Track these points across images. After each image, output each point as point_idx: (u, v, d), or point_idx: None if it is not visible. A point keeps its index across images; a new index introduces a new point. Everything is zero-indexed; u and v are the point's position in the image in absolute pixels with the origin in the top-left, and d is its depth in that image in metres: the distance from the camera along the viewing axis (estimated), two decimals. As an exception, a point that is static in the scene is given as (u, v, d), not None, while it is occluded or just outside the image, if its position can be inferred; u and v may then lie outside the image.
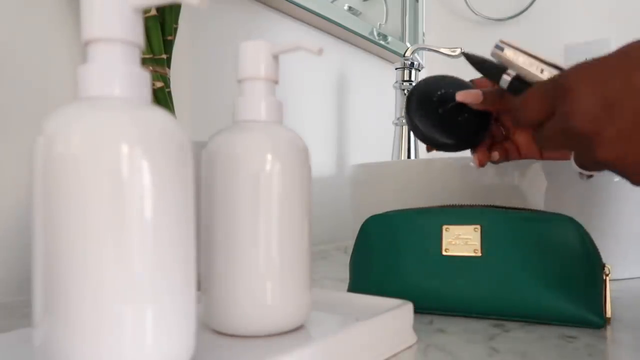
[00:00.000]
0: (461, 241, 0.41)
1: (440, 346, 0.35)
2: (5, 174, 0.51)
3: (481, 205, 0.44)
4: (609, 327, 0.39)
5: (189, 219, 0.25)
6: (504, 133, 0.51)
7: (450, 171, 0.63)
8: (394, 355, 0.33)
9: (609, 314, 0.38)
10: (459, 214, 0.42)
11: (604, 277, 0.38)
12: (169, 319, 0.24)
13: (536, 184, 0.59)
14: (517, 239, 0.40)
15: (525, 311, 0.39)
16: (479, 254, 0.41)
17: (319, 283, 0.57)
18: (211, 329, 0.33)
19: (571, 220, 0.40)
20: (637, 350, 0.34)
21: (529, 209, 0.42)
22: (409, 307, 0.36)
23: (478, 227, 0.41)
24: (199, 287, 0.31)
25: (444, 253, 0.42)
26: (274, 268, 0.32)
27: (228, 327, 0.32)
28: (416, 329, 0.38)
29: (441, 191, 0.63)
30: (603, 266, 0.39)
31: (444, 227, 0.42)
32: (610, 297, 0.39)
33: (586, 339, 0.36)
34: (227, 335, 0.32)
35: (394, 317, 0.34)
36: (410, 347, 0.34)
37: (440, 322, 0.41)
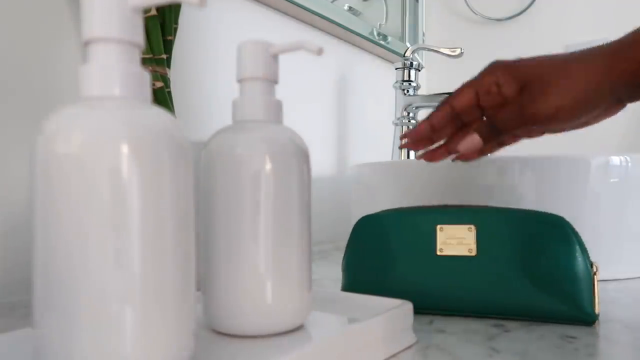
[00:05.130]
0: (456, 241, 0.42)
1: (440, 346, 0.35)
2: (5, 174, 0.51)
3: (475, 206, 0.44)
4: (609, 327, 0.39)
5: (188, 218, 0.25)
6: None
7: (450, 171, 0.63)
8: (394, 356, 0.33)
9: (597, 310, 0.39)
10: (453, 214, 0.43)
11: (593, 275, 0.39)
12: (168, 319, 0.24)
13: (533, 184, 0.59)
14: (510, 238, 0.40)
15: (519, 309, 0.40)
16: (474, 254, 0.41)
17: (319, 283, 0.57)
18: (211, 329, 0.33)
19: (561, 219, 0.40)
20: (637, 350, 0.34)
21: (522, 209, 0.43)
22: (409, 307, 0.36)
23: (472, 227, 0.41)
24: (198, 287, 0.31)
25: (438, 253, 0.42)
26: (274, 268, 0.32)
27: (228, 327, 0.32)
28: (416, 329, 0.38)
29: (441, 191, 0.63)
30: (591, 264, 0.39)
31: (439, 227, 0.42)
32: (599, 294, 0.39)
33: (586, 339, 0.36)
34: (227, 335, 0.32)
35: (394, 317, 0.34)
36: (410, 347, 0.34)
37: (440, 322, 0.41)
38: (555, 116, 0.39)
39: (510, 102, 0.42)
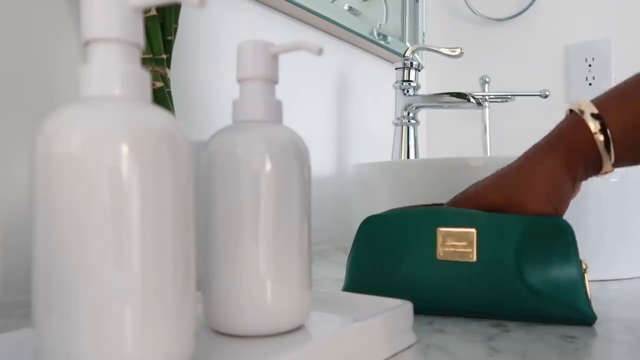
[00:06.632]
0: (456, 243, 0.42)
1: (440, 346, 0.35)
2: (5, 174, 0.51)
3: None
4: (609, 327, 0.39)
5: (188, 218, 0.25)
6: None
7: (450, 171, 0.63)
8: (394, 356, 0.33)
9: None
10: (455, 216, 0.43)
11: (583, 274, 0.40)
12: (168, 319, 0.24)
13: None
14: (511, 241, 0.40)
15: (521, 311, 0.40)
16: (474, 256, 0.41)
17: (319, 283, 0.57)
18: (211, 329, 0.33)
19: (560, 221, 0.40)
20: (636, 350, 0.34)
21: None
22: (409, 307, 0.36)
23: (473, 229, 0.41)
24: (198, 287, 0.31)
25: (438, 255, 0.42)
26: (274, 268, 0.32)
27: (228, 327, 0.32)
28: (416, 329, 0.38)
29: (441, 191, 0.63)
30: (580, 262, 0.40)
31: (440, 228, 0.42)
32: (591, 293, 0.40)
33: (586, 339, 0.36)
34: (227, 335, 0.32)
35: (394, 317, 0.34)
36: (410, 347, 0.34)
37: (440, 322, 0.41)
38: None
39: None
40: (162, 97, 0.57)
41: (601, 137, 0.40)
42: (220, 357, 0.29)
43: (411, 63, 0.94)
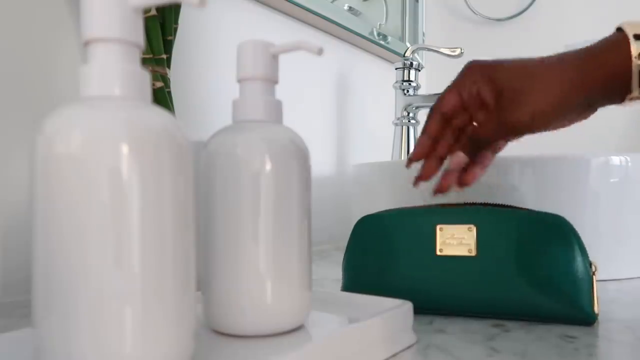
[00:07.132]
0: (456, 241, 0.42)
1: (440, 346, 0.35)
2: (5, 174, 0.51)
3: (476, 204, 0.44)
4: (609, 327, 0.39)
5: (188, 218, 0.25)
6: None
7: (450, 171, 0.63)
8: (394, 356, 0.33)
9: (597, 310, 0.39)
10: (453, 214, 0.43)
11: (592, 275, 0.39)
12: (168, 319, 0.24)
13: (533, 184, 0.59)
14: (511, 238, 0.40)
15: (520, 310, 0.40)
16: (474, 254, 0.41)
17: (319, 283, 0.57)
18: (211, 329, 0.33)
19: (561, 219, 0.40)
20: (636, 350, 0.34)
21: (523, 208, 0.43)
22: (409, 307, 0.36)
23: (472, 227, 0.41)
24: (198, 287, 0.31)
25: (438, 253, 0.42)
26: (274, 268, 0.32)
27: (228, 327, 0.32)
28: (416, 329, 0.38)
29: (441, 191, 0.63)
30: (590, 264, 0.40)
31: (438, 227, 0.42)
32: (598, 294, 0.39)
33: (586, 339, 0.36)
34: (227, 335, 0.32)
35: (394, 317, 0.34)
36: (410, 347, 0.34)
37: (440, 322, 0.41)
38: (530, 124, 0.41)
39: (488, 110, 0.43)
40: (162, 97, 0.57)
41: (639, 61, 0.38)
42: (220, 357, 0.29)
43: (411, 63, 0.94)
